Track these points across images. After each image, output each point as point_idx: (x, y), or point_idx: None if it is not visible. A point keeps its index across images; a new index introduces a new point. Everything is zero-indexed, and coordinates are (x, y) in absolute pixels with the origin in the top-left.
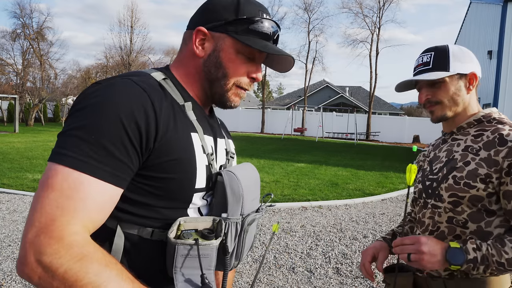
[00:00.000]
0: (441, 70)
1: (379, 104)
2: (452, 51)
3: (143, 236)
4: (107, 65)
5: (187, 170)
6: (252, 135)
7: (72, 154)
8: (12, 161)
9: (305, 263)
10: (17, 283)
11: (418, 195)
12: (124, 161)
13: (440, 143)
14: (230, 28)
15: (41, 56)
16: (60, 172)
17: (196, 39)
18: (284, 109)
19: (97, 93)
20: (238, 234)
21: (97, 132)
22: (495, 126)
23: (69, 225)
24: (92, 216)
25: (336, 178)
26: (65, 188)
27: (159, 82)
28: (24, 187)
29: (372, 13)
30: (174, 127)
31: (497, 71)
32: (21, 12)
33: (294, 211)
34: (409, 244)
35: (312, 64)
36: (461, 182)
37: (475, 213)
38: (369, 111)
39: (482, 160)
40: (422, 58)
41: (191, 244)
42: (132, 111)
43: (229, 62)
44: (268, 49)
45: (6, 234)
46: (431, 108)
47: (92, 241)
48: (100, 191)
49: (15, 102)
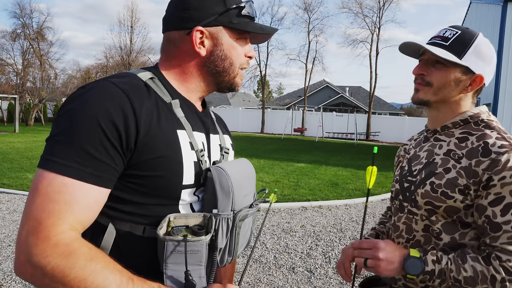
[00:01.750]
0: (454, 53)
1: (379, 104)
2: (477, 43)
3: (135, 233)
4: (107, 65)
5: (173, 167)
6: (252, 135)
7: (56, 159)
8: (12, 161)
9: (305, 263)
10: (17, 283)
11: (394, 195)
12: (105, 161)
13: (422, 140)
14: (224, 20)
15: (41, 56)
16: (45, 177)
17: (196, 39)
18: (284, 109)
19: (78, 98)
20: (230, 230)
21: (77, 136)
22: (482, 131)
23: (55, 226)
24: (78, 217)
25: (336, 178)
26: (50, 192)
27: (145, 81)
28: (24, 187)
29: (372, 13)
30: (157, 125)
31: (497, 71)
32: (21, 12)
33: (294, 211)
34: (366, 248)
35: (312, 64)
36: (438, 191)
37: (450, 224)
38: (369, 111)
39: (463, 169)
40: (445, 32)
41: (179, 240)
42: (109, 112)
43: (232, 51)
44: (266, 30)
45: (6, 234)
46: (419, 86)
47: (78, 238)
48: (84, 192)
49: (15, 102)
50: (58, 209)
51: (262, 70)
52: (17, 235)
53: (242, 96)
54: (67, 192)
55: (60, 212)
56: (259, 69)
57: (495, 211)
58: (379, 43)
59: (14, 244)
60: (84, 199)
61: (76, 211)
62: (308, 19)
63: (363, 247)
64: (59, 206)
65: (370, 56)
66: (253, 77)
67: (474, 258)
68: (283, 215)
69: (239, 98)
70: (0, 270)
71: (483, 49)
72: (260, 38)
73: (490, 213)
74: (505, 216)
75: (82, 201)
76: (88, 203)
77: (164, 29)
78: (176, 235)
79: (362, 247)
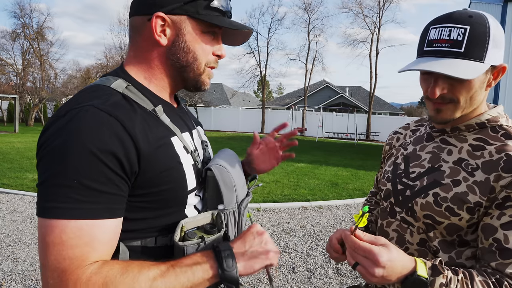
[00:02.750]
0: (474, 58)
1: (379, 104)
2: (494, 33)
3: (147, 245)
4: (107, 65)
5: (178, 177)
6: (252, 135)
7: (61, 205)
8: (12, 161)
9: (305, 263)
10: (17, 283)
11: (384, 196)
12: (113, 192)
13: (425, 138)
14: (189, 9)
15: (41, 56)
16: (55, 226)
17: (157, 27)
18: (284, 109)
19: (60, 132)
20: (237, 221)
21: (76, 175)
22: (502, 140)
23: (81, 267)
24: (101, 253)
25: (336, 178)
26: (66, 240)
27: (122, 93)
28: (24, 187)
29: (372, 13)
30: (153, 140)
31: None
32: (21, 12)
33: (294, 211)
34: (362, 255)
35: (312, 64)
36: (443, 205)
37: (447, 242)
38: (369, 111)
39: (477, 184)
40: (449, 31)
41: (198, 242)
42: (104, 142)
43: (196, 44)
44: (235, 25)
45: (6, 234)
46: (441, 106)
47: (106, 261)
48: (102, 229)
49: (15, 102)
50: (80, 253)
51: (262, 70)
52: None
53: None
54: (85, 234)
55: (82, 255)
56: (259, 69)
57: (507, 235)
58: (379, 43)
59: (14, 244)
60: (103, 235)
61: (99, 249)
62: (308, 19)
63: (358, 252)
64: (80, 250)
65: (370, 56)
66: (253, 77)
67: (483, 283)
68: (283, 215)
69: (239, 98)
70: (0, 270)
71: (498, 35)
72: (236, 39)
73: (501, 237)
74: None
75: (102, 238)
76: (108, 238)
77: (129, 13)
78: (192, 238)
79: (358, 252)
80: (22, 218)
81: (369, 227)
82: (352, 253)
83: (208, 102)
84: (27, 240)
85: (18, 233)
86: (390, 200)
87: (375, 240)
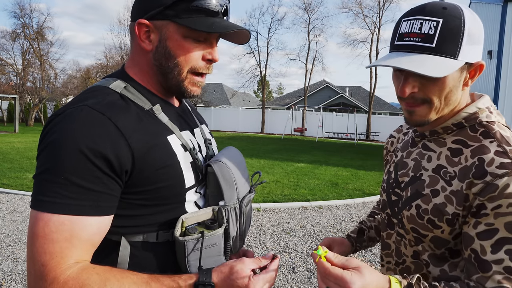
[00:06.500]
0: (447, 54)
1: (379, 104)
2: (469, 28)
3: (149, 241)
4: (107, 65)
5: (174, 175)
6: (252, 135)
7: (48, 198)
8: (12, 161)
9: (305, 263)
10: (17, 283)
11: (381, 206)
12: (100, 190)
13: (409, 143)
14: (170, 13)
15: (41, 56)
16: (40, 218)
17: (140, 33)
18: (284, 109)
19: (55, 129)
20: (239, 218)
21: (64, 172)
22: (480, 140)
23: (59, 265)
24: (82, 251)
25: (336, 178)
26: (48, 233)
27: (120, 93)
28: (24, 187)
29: (372, 13)
30: (148, 138)
31: (497, 71)
32: (21, 12)
33: (294, 211)
34: (333, 282)
35: (312, 64)
36: (425, 217)
37: (437, 256)
38: (369, 111)
39: (454, 194)
40: (421, 24)
41: (198, 238)
42: (94, 141)
43: (178, 50)
44: (214, 29)
45: (6, 234)
46: (413, 107)
47: (85, 268)
48: (84, 226)
49: (15, 102)
50: (59, 249)
51: (262, 70)
52: (27, 282)
53: (242, 96)
54: (65, 230)
55: (62, 251)
56: (259, 69)
57: (484, 246)
58: (379, 43)
59: (14, 244)
60: (85, 233)
61: (78, 246)
62: (308, 19)
63: (329, 279)
64: (60, 245)
65: (370, 56)
66: (253, 77)
67: None
68: (283, 215)
69: (239, 98)
70: (0, 270)
71: (475, 31)
72: (237, 37)
73: (478, 248)
74: (496, 253)
75: (83, 235)
76: (91, 235)
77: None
78: (193, 233)
79: (329, 278)
80: (22, 218)
81: (365, 234)
82: (324, 279)
83: (208, 102)
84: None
85: (18, 233)
86: (387, 212)
87: (347, 263)
